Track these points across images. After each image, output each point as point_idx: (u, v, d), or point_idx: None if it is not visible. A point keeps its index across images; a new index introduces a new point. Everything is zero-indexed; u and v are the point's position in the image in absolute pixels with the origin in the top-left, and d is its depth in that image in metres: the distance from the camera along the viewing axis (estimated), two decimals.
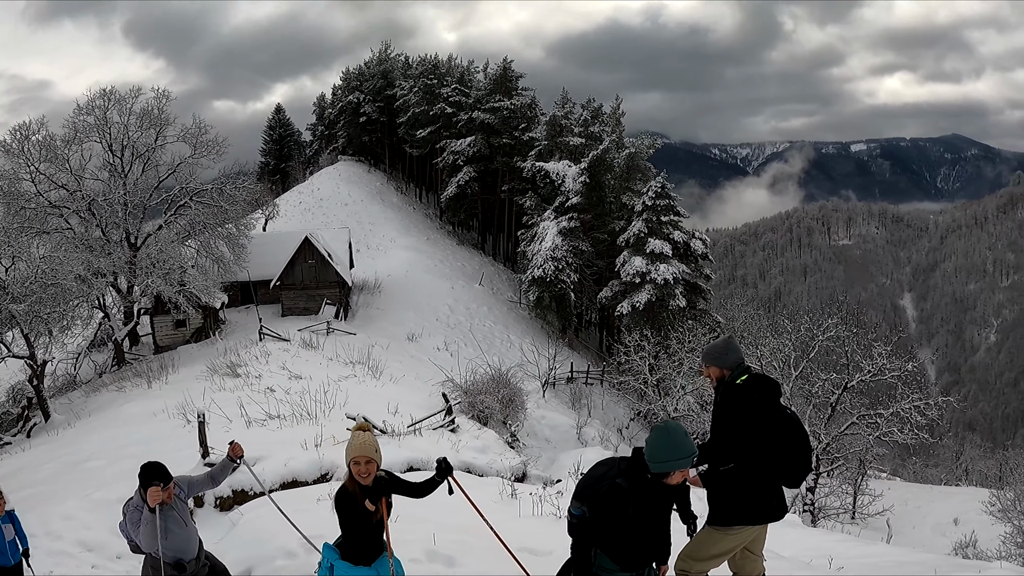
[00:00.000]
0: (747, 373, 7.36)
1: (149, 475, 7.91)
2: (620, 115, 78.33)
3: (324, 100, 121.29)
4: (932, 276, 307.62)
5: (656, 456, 6.29)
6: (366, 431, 7.49)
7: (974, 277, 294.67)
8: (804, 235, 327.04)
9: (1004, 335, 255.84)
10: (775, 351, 37.17)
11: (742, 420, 7.11)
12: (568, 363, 56.34)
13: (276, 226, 70.47)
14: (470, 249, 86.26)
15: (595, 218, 69.93)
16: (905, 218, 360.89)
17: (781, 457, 7.08)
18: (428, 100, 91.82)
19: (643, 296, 60.09)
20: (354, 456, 7.30)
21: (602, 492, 6.41)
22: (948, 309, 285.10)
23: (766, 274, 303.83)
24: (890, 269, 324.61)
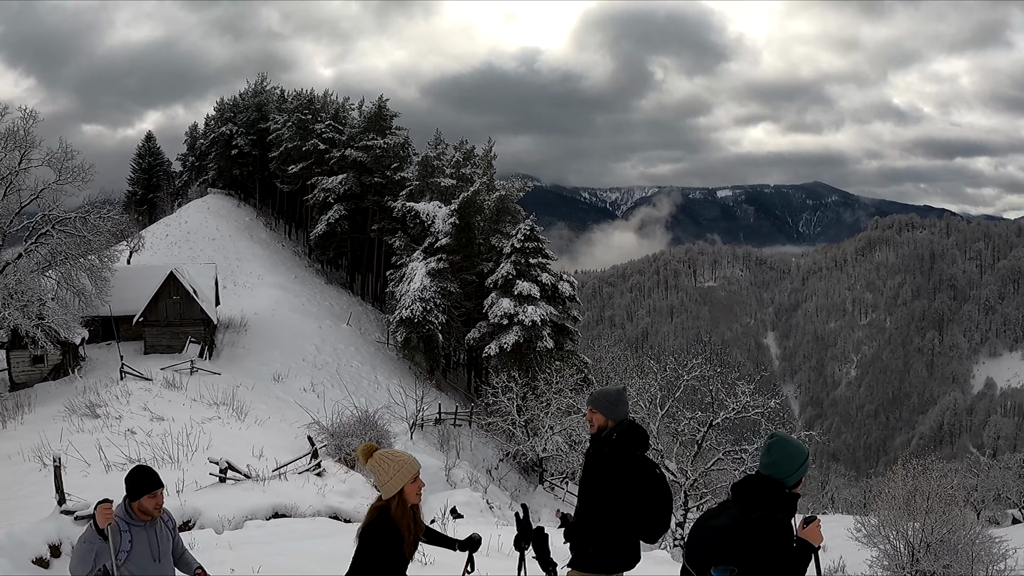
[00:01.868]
0: (623, 428, 7.37)
1: (142, 482, 7.05)
2: (492, 157, 78.76)
3: (196, 130, 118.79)
4: (794, 315, 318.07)
5: (792, 465, 6.10)
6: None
7: (834, 316, 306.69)
8: (671, 277, 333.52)
9: (864, 370, 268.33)
10: (641, 391, 37.61)
11: (616, 476, 7.14)
12: (436, 404, 56.11)
13: (141, 259, 68.83)
14: (338, 288, 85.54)
15: (464, 259, 70.10)
16: (768, 261, 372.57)
17: (646, 514, 7.14)
18: (301, 135, 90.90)
19: (511, 337, 60.35)
20: (414, 472, 6.35)
21: (765, 534, 5.86)
22: (810, 346, 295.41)
23: (634, 315, 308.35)
24: (754, 309, 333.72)
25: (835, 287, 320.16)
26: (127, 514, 7.04)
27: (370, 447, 6.55)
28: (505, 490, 46.44)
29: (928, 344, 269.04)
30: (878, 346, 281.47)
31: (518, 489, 49.40)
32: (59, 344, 47.13)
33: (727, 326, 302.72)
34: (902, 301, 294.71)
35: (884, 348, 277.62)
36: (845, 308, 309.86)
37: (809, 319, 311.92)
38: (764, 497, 6.02)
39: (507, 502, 40.15)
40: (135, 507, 7.03)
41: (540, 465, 52.02)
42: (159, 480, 7.16)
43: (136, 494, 7.02)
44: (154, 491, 7.05)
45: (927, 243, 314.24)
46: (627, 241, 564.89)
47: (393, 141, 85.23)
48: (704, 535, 6.17)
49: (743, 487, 6.19)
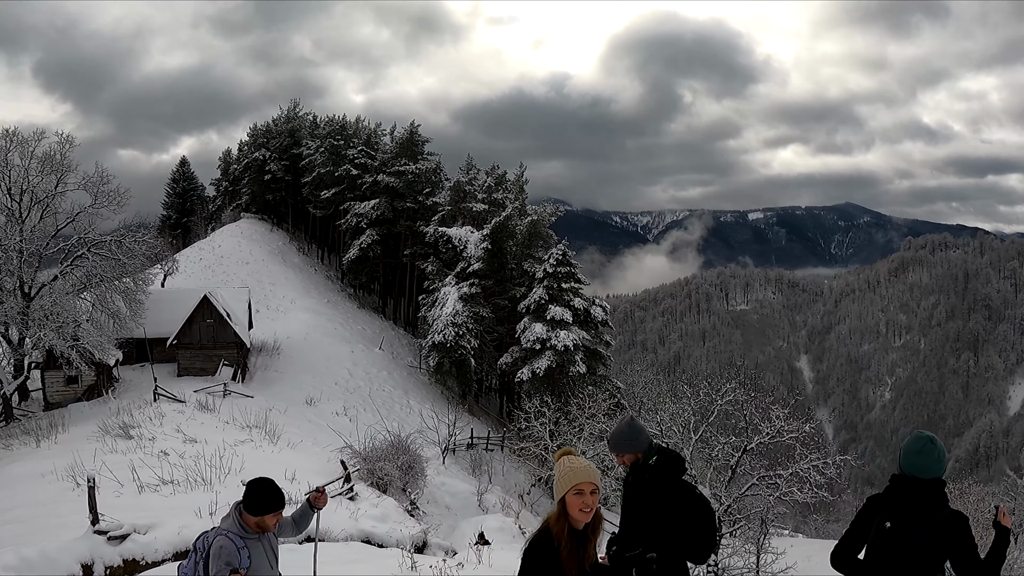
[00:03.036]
0: (656, 452, 7.36)
1: (268, 500, 6.67)
2: (523, 182, 78.89)
3: (230, 155, 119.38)
4: (827, 338, 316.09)
5: (945, 461, 6.29)
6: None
7: (868, 338, 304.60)
8: (703, 300, 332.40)
9: (898, 392, 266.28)
10: (675, 416, 37.26)
11: (661, 500, 7.10)
12: (468, 429, 56.06)
13: (175, 282, 69.20)
14: (371, 313, 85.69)
15: (496, 284, 70.10)
16: (801, 283, 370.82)
17: (694, 535, 7.05)
18: (334, 161, 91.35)
19: (543, 362, 60.23)
20: (578, 483, 5.73)
21: (966, 528, 6.00)
22: (843, 369, 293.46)
23: (666, 339, 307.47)
24: (786, 332, 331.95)
25: (868, 309, 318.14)
26: (242, 529, 6.69)
27: (567, 450, 6.13)
28: (538, 515, 46.11)
29: (963, 365, 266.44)
30: (912, 368, 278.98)
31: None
32: (93, 365, 47.39)
33: (760, 350, 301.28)
34: (936, 322, 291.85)
35: (919, 370, 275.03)
36: (879, 330, 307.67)
37: (842, 342, 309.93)
38: (942, 497, 6.13)
39: None
40: (252, 522, 6.70)
41: None
42: (283, 499, 6.80)
43: (259, 510, 6.66)
44: (278, 511, 6.74)
45: (961, 263, 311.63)
46: (659, 265, 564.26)
47: (425, 166, 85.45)
48: (907, 555, 6.00)
49: (922, 493, 6.12)
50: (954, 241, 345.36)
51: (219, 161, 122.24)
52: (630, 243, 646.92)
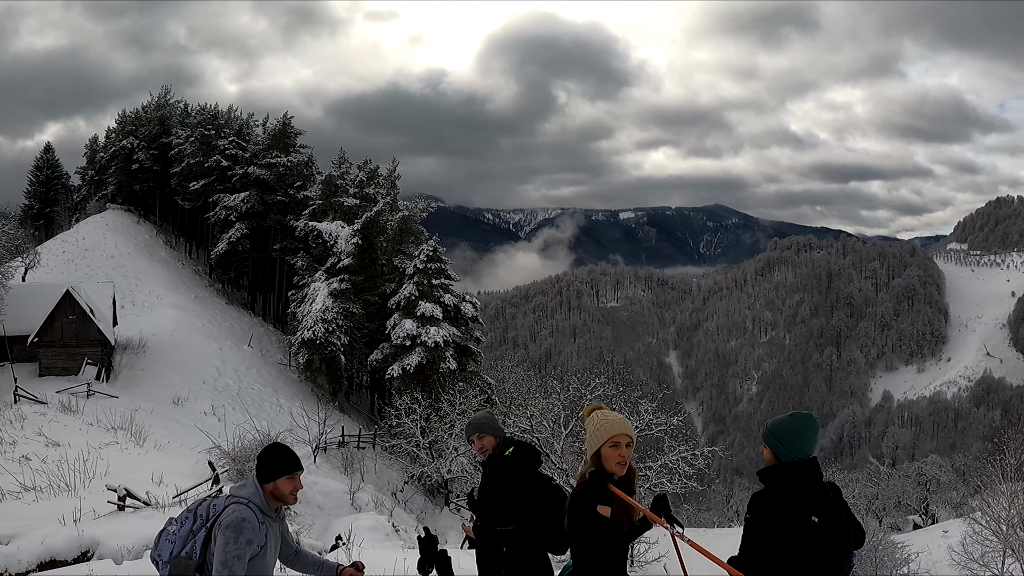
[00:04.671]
0: (513, 444, 7.45)
1: (279, 460, 5.91)
2: (396, 178, 78.54)
3: (97, 143, 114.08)
4: (696, 334, 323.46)
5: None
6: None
7: (735, 334, 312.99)
8: (574, 298, 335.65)
9: (765, 386, 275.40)
10: (545, 411, 37.60)
11: (521, 491, 7.16)
12: (339, 427, 55.60)
13: (36, 276, 66.94)
14: (240, 309, 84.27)
15: (367, 280, 69.68)
16: (670, 281, 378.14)
17: (554, 526, 7.02)
18: (204, 151, 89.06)
19: (414, 359, 60.13)
20: (614, 435, 5.80)
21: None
22: (711, 364, 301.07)
23: (537, 336, 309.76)
24: (656, 329, 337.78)
25: (735, 306, 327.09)
26: (265, 502, 5.81)
27: (597, 405, 6.20)
28: (411, 513, 46.10)
29: (827, 360, 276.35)
30: (778, 363, 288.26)
31: (424, 511, 49.15)
32: None
33: (630, 346, 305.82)
34: (801, 319, 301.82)
35: (784, 364, 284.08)
36: (745, 327, 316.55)
37: (710, 338, 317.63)
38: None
39: (413, 525, 39.88)
40: (268, 492, 5.84)
41: (445, 487, 51.78)
42: (298, 460, 6.02)
43: (270, 475, 5.84)
44: (292, 472, 5.89)
45: (824, 263, 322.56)
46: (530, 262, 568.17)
47: (297, 159, 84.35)
48: (843, 545, 5.66)
49: (820, 475, 5.83)
50: (818, 243, 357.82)
51: (86, 149, 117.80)
52: (502, 240, 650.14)
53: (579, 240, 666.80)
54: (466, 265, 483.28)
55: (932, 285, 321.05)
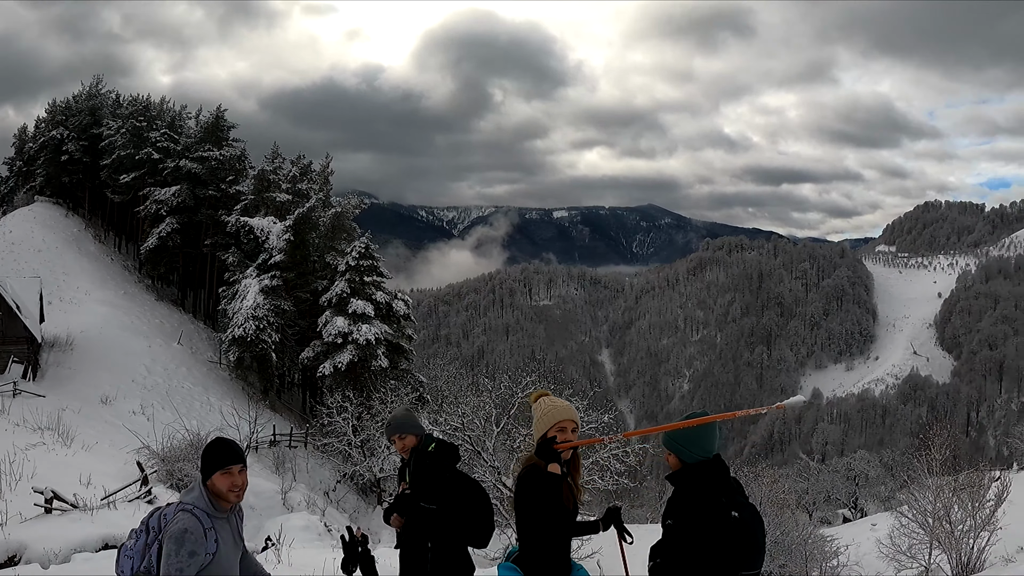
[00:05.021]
0: (434, 441, 7.48)
1: (215, 454, 5.61)
2: (329, 173, 78.01)
3: (25, 133, 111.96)
4: (628, 333, 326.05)
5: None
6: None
7: (667, 333, 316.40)
8: (507, 296, 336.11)
9: (696, 383, 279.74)
10: (476, 409, 37.60)
11: (442, 488, 7.17)
12: (271, 426, 55.21)
13: None
14: (169, 305, 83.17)
15: (298, 277, 69.14)
16: (603, 280, 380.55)
17: (475, 521, 7.14)
18: (135, 143, 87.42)
19: (345, 357, 59.78)
20: (561, 420, 6.01)
21: None
22: (644, 362, 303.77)
23: (469, 333, 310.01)
24: (588, 327, 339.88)
25: (668, 305, 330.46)
26: (211, 504, 5.56)
27: (541, 392, 6.39)
28: (344, 512, 45.92)
29: (757, 358, 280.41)
30: (709, 361, 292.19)
31: (356, 511, 48.95)
32: None
33: (562, 344, 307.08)
34: (732, 318, 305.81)
35: (715, 363, 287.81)
36: (677, 325, 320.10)
37: (643, 336, 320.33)
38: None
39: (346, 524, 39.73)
40: (216, 489, 5.57)
41: (378, 485, 51.58)
42: (239, 453, 5.72)
43: (206, 471, 5.60)
44: (228, 466, 5.58)
45: (755, 263, 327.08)
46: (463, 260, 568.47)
47: (230, 153, 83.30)
48: (761, 539, 5.78)
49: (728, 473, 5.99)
50: (750, 243, 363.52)
51: (14, 139, 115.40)
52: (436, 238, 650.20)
53: (513, 238, 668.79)
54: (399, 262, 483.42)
55: (861, 286, 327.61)
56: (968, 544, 21.59)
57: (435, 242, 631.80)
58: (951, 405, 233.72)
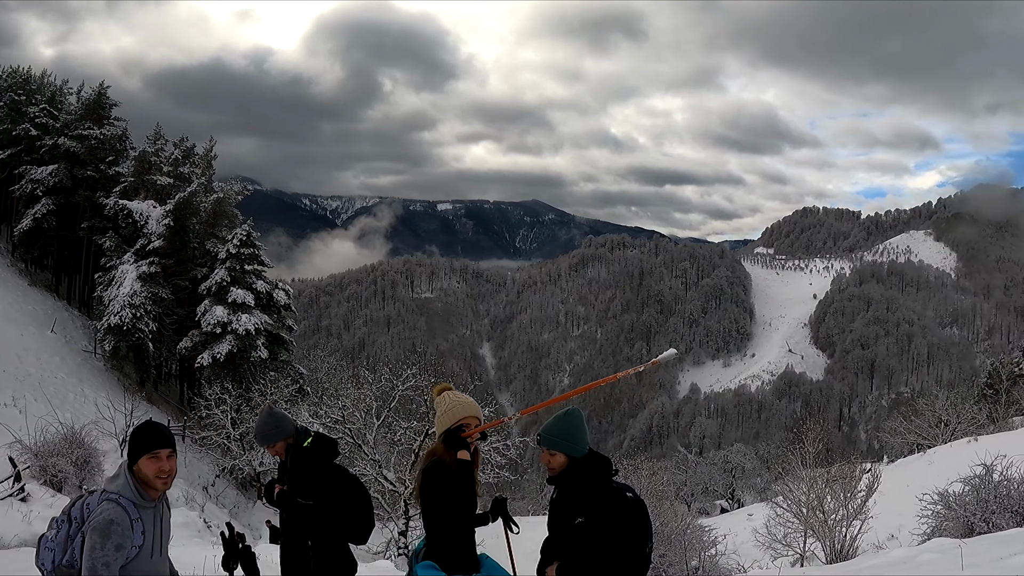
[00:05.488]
0: (311, 435, 7.45)
1: (141, 438, 5.39)
2: (212, 157, 76.53)
3: None
4: (509, 327, 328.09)
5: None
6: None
7: (548, 327, 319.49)
8: (389, 287, 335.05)
9: (576, 378, 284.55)
10: (357, 401, 37.44)
11: (321, 483, 7.13)
12: (148, 418, 53.63)
13: None
14: (43, 291, 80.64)
15: (178, 264, 67.77)
16: (485, 274, 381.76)
17: (355, 516, 7.12)
18: (12, 118, 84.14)
19: (224, 347, 58.85)
20: (464, 417, 6.17)
21: None
22: (524, 356, 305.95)
23: (351, 325, 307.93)
24: (470, 321, 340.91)
25: (549, 300, 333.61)
26: (136, 493, 5.31)
27: (445, 386, 6.55)
28: (224, 508, 45.18)
29: (637, 354, 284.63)
30: (590, 356, 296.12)
31: (237, 506, 48.24)
32: None
33: (443, 337, 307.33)
34: (612, 314, 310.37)
35: (595, 357, 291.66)
36: (558, 320, 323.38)
37: (524, 330, 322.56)
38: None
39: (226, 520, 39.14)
40: (143, 475, 5.36)
41: (258, 480, 50.89)
42: (168, 437, 5.54)
43: (132, 456, 5.41)
44: (156, 450, 5.38)
45: (637, 261, 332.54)
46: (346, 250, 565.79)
47: (111, 132, 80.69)
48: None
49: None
50: (632, 242, 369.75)
51: None
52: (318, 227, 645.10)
53: (396, 230, 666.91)
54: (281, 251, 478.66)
55: (739, 286, 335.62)
56: (841, 532, 22.45)
57: (318, 232, 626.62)
58: (824, 401, 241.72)
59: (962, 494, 18.15)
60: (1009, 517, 16.55)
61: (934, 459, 39.17)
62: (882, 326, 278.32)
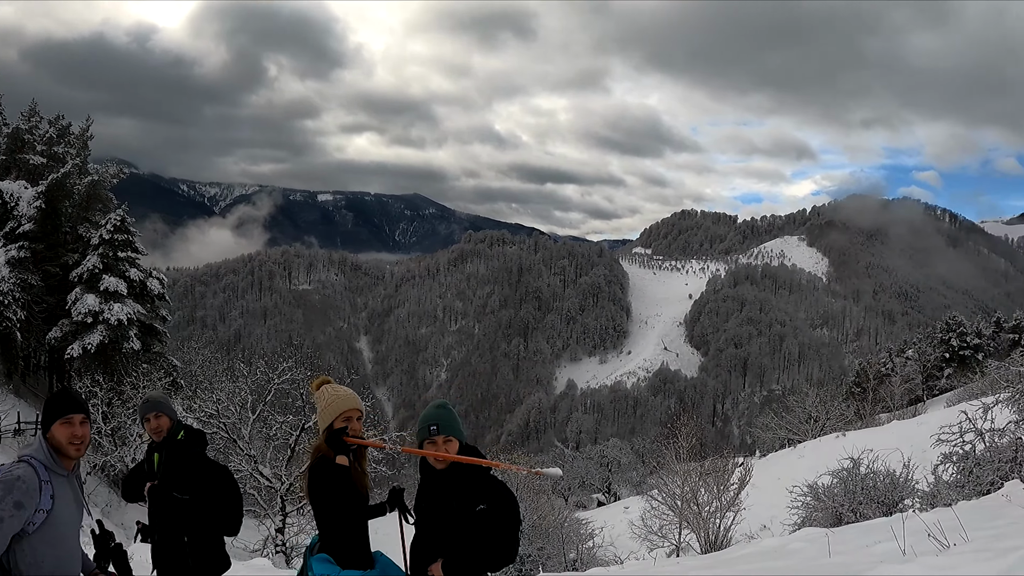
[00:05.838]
0: (184, 428, 7.39)
1: (55, 404, 5.32)
2: (88, 138, 74.35)
3: None
4: (387, 321, 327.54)
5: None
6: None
7: (426, 322, 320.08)
8: (266, 278, 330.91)
9: (454, 373, 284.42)
10: (232, 395, 36.94)
11: (195, 475, 7.08)
12: (15, 412, 52.26)
13: None
14: None
15: (48, 249, 65.82)
16: (364, 266, 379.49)
17: (227, 508, 7.12)
18: None
19: (95, 338, 57.37)
20: (345, 410, 6.09)
21: None
22: (402, 351, 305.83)
23: (226, 316, 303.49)
24: (348, 314, 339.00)
25: (427, 295, 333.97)
26: (50, 457, 5.19)
27: (324, 379, 6.37)
28: (96, 506, 44.03)
29: (514, 349, 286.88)
30: (467, 351, 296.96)
31: (109, 504, 47.06)
32: None
33: (320, 330, 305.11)
34: (491, 310, 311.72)
35: (473, 353, 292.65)
36: (436, 315, 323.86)
37: (401, 324, 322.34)
38: None
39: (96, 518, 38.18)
40: (51, 441, 5.27)
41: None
42: (80, 403, 5.44)
43: (45, 422, 5.37)
44: (69, 415, 5.29)
45: (516, 258, 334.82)
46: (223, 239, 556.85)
47: None
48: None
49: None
50: (512, 238, 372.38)
51: None
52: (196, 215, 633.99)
53: (275, 219, 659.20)
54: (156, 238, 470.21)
55: (617, 284, 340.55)
56: (715, 524, 23.01)
57: (195, 219, 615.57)
58: (698, 397, 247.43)
59: (831, 486, 18.67)
60: (875, 507, 17.07)
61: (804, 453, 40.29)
62: (755, 326, 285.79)
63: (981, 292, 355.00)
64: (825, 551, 10.12)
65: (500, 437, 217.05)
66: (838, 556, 9.63)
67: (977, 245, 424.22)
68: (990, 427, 15.72)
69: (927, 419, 40.74)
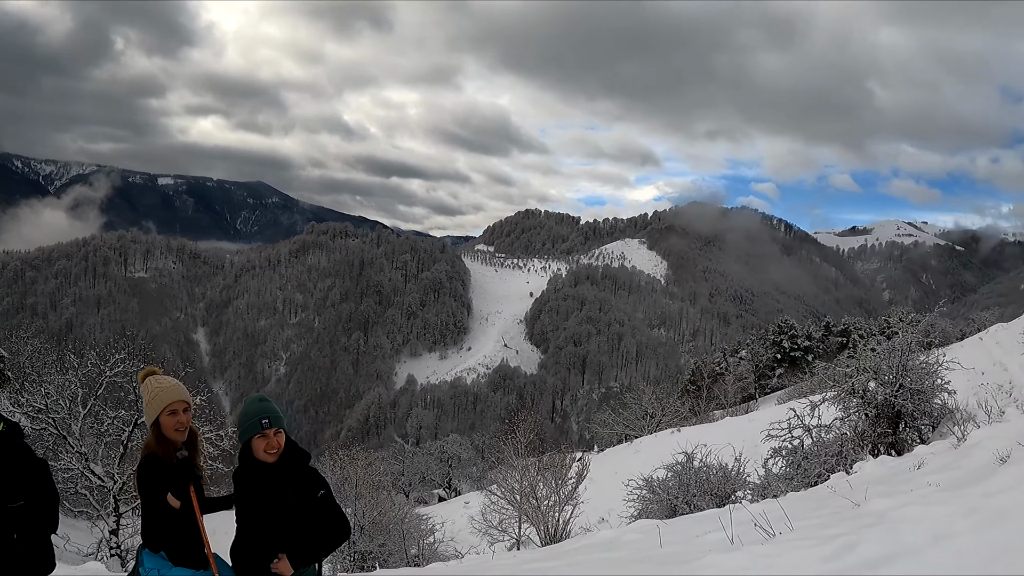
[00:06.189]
0: (1, 420, 6.93)
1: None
2: None
3: None
4: (226, 312, 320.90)
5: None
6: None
7: (265, 314, 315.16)
8: (101, 265, 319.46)
9: (293, 367, 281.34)
10: (61, 388, 35.77)
11: (16, 470, 6.66)
12: None
13: None
14: None
15: None
16: (203, 255, 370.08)
17: (43, 503, 6.74)
18: None
19: None
20: (170, 403, 5.98)
21: None
22: (240, 343, 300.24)
23: (58, 304, 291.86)
24: (185, 304, 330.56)
25: (267, 286, 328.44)
26: None
27: (150, 370, 6.16)
28: None
29: (354, 344, 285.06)
30: (307, 344, 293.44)
31: None
32: None
33: (156, 320, 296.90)
34: (331, 303, 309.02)
35: (313, 347, 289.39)
36: (276, 307, 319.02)
37: (240, 316, 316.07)
38: None
39: None
40: None
41: None
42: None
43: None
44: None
45: (358, 251, 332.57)
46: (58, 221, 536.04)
47: None
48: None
49: None
50: (354, 231, 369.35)
51: None
52: (29, 193, 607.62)
53: (112, 202, 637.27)
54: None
55: (458, 280, 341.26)
56: (554, 517, 23.45)
57: (28, 198, 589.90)
58: (538, 394, 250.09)
59: (666, 479, 19.27)
60: (709, 499, 17.72)
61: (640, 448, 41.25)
62: (594, 325, 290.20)
63: (812, 298, 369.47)
64: (657, 541, 10.44)
65: (340, 432, 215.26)
66: (669, 546, 9.96)
67: (810, 254, 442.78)
68: (817, 423, 16.41)
69: (758, 416, 42.13)
